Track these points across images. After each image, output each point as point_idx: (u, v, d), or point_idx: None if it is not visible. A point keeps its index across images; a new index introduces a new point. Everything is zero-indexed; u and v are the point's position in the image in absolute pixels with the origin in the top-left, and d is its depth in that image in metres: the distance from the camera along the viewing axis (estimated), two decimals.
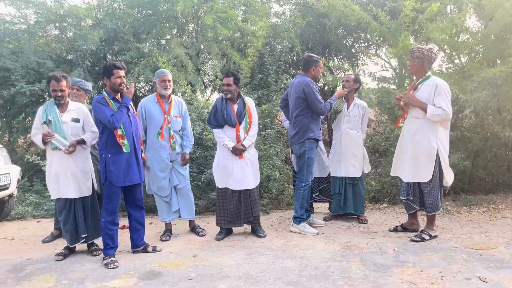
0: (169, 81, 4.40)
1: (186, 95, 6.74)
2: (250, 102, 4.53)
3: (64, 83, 3.81)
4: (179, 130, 4.50)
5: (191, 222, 4.72)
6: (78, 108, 3.96)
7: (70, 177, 3.82)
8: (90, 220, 3.97)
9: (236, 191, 4.38)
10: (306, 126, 4.37)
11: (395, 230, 4.44)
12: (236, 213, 4.40)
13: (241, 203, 4.41)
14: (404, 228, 4.41)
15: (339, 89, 4.75)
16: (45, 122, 3.82)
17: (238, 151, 4.34)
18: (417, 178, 4.06)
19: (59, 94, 3.80)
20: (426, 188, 4.04)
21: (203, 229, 4.64)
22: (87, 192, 3.93)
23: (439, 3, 5.83)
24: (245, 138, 4.38)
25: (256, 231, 4.52)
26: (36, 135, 3.88)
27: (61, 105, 3.87)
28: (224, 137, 4.36)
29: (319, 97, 4.32)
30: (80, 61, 6.99)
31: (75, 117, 3.91)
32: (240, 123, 4.37)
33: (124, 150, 3.73)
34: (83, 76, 6.64)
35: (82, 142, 3.88)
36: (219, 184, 4.44)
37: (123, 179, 3.75)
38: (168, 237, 4.44)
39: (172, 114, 4.43)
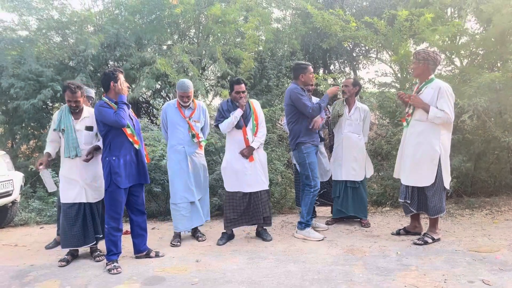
0: (188, 97, 4.42)
1: None
2: (255, 103, 4.54)
3: (79, 93, 3.90)
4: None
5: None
6: (92, 116, 4.00)
7: (82, 183, 3.89)
8: (101, 221, 4.02)
9: (247, 193, 4.39)
10: (298, 132, 4.39)
11: (398, 233, 4.43)
12: (244, 213, 4.41)
13: (251, 205, 4.41)
14: (406, 231, 4.41)
15: (330, 88, 4.73)
16: (55, 129, 3.92)
17: (248, 152, 4.34)
18: (417, 183, 4.05)
19: (73, 105, 3.91)
20: (430, 191, 4.02)
21: (203, 235, 4.64)
22: (100, 197, 3.99)
23: (433, 14, 5.83)
24: (253, 140, 4.39)
25: (262, 235, 4.52)
26: (49, 142, 4.02)
27: (76, 113, 3.96)
28: (230, 116, 4.33)
29: (306, 101, 4.30)
30: (82, 67, 7.03)
31: (89, 125, 3.97)
32: (246, 125, 4.38)
33: (136, 147, 3.84)
34: (86, 81, 6.67)
35: (97, 149, 3.94)
36: (230, 188, 4.43)
37: (129, 179, 3.79)
38: (179, 243, 4.42)
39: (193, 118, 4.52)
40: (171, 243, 4.43)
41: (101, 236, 4.02)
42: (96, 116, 3.77)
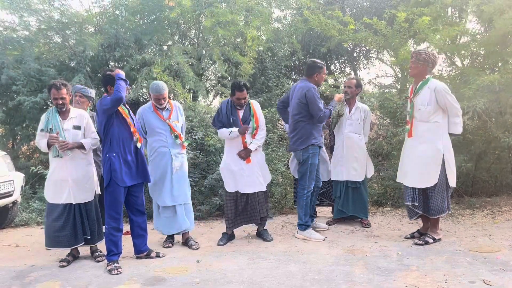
0: (164, 98, 4.28)
1: (187, 101, 6.78)
2: (256, 105, 4.51)
3: (64, 91, 3.83)
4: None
5: (184, 234, 4.46)
6: (79, 115, 3.98)
7: (71, 183, 3.84)
8: (96, 223, 3.99)
9: (245, 193, 4.39)
10: (308, 132, 4.34)
11: (412, 237, 4.31)
12: (243, 213, 4.43)
13: (248, 205, 4.42)
14: (421, 234, 4.27)
15: (336, 94, 4.75)
16: (42, 130, 3.85)
17: (244, 154, 4.34)
18: (423, 184, 4.02)
19: (60, 102, 3.83)
20: (432, 192, 4.01)
21: (197, 242, 4.43)
22: (89, 198, 3.95)
23: (430, 17, 5.81)
24: (251, 142, 4.38)
25: (262, 235, 4.53)
26: (39, 141, 3.90)
27: (63, 112, 3.90)
28: (229, 129, 4.32)
29: (320, 104, 4.26)
30: (81, 68, 7.03)
31: (76, 125, 3.93)
32: None
33: (138, 145, 3.85)
34: (84, 82, 6.67)
35: (81, 146, 3.88)
36: (229, 188, 4.42)
37: (129, 178, 3.79)
38: (170, 244, 4.42)
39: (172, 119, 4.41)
40: (163, 245, 4.40)
41: (89, 237, 3.97)
42: (97, 109, 3.76)
